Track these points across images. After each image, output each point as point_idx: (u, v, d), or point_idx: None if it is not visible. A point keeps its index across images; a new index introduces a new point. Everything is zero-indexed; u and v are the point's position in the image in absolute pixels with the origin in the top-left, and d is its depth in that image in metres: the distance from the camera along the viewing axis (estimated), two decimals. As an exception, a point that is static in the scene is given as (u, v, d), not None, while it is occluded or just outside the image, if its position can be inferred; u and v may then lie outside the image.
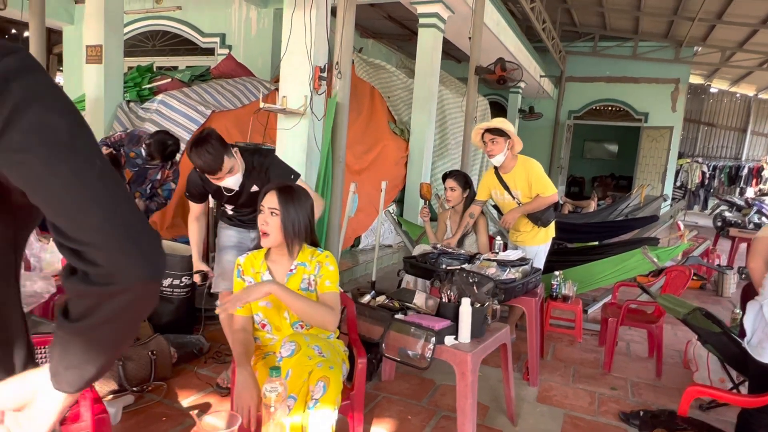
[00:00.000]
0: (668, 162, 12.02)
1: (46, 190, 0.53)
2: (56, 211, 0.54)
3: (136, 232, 0.56)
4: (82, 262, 0.54)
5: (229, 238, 2.56)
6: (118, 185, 0.57)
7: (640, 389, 2.89)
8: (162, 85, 5.00)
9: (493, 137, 3.18)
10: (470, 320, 2.04)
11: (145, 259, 0.55)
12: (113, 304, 0.56)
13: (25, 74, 0.52)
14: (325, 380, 1.55)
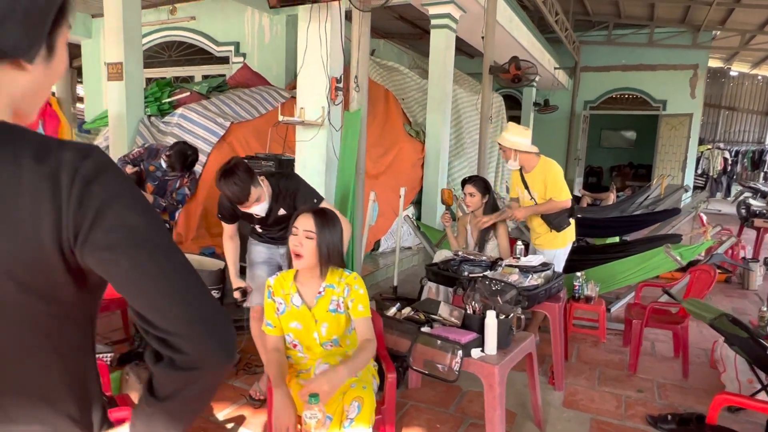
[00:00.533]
0: (688, 150, 11.79)
1: (132, 284, 0.58)
2: (142, 303, 0.59)
3: (215, 319, 0.61)
4: (168, 349, 0.59)
5: (259, 254, 2.65)
6: (194, 274, 0.62)
7: (666, 391, 2.89)
8: (181, 99, 5.10)
9: (502, 148, 3.30)
10: (496, 333, 2.08)
11: (224, 345, 0.61)
12: (198, 385, 0.62)
13: (102, 175, 0.57)
14: (360, 400, 1.61)
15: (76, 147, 0.58)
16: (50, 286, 0.57)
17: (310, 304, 1.86)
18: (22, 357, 0.59)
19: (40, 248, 0.55)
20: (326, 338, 1.87)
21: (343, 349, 1.90)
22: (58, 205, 0.55)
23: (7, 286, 0.55)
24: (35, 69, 0.59)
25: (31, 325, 0.58)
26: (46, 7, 0.58)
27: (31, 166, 0.54)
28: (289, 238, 1.83)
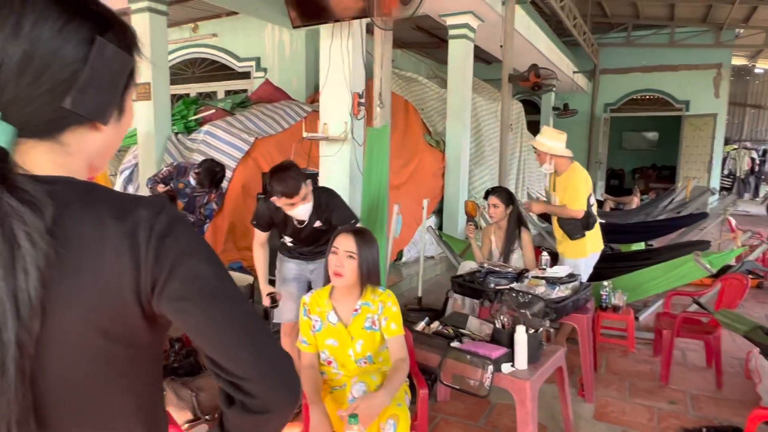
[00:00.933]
0: (713, 151, 11.55)
1: (204, 331, 0.63)
2: (214, 349, 0.64)
3: (282, 365, 0.65)
4: (240, 393, 0.63)
5: (289, 271, 2.73)
6: (260, 321, 0.67)
7: (700, 402, 2.85)
8: (207, 116, 5.23)
9: (537, 152, 3.38)
10: (526, 347, 2.09)
11: (291, 388, 0.65)
12: (268, 427, 0.66)
13: (175, 230, 0.62)
14: (395, 418, 1.64)
15: (151, 203, 0.63)
16: (129, 332, 0.62)
17: (346, 322, 1.91)
18: (103, 396, 0.64)
19: (122, 300, 0.60)
20: (361, 355, 1.91)
21: (376, 365, 1.94)
22: (137, 261, 0.59)
23: (94, 335, 0.60)
24: (108, 128, 0.65)
25: (111, 368, 0.63)
26: (120, 73, 0.64)
27: (113, 224, 0.59)
28: (329, 258, 1.89)
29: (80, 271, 0.58)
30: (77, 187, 0.61)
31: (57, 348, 0.58)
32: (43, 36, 0.56)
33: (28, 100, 0.57)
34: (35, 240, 0.54)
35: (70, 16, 0.58)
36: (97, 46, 0.59)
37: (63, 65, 0.57)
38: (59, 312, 0.57)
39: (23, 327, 0.54)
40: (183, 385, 2.58)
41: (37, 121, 0.58)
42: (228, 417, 0.66)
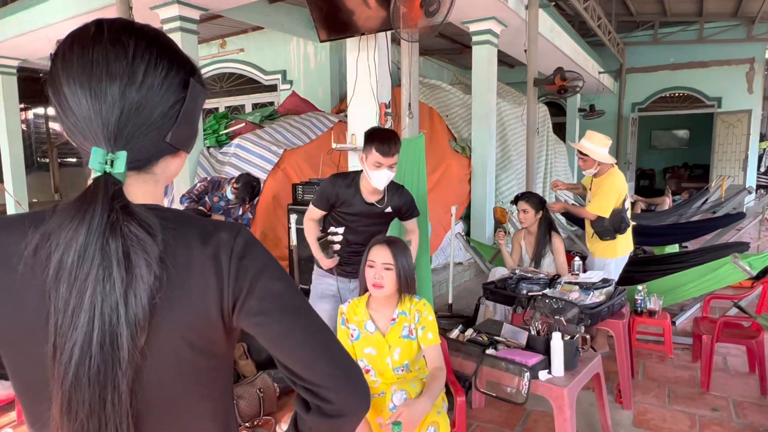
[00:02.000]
0: (749, 148, 11.18)
1: (281, 344, 0.69)
2: (290, 359, 0.69)
3: (353, 372, 0.71)
4: (316, 399, 0.69)
5: (328, 287, 2.54)
6: (330, 332, 0.72)
7: (744, 409, 2.77)
8: (237, 129, 5.38)
9: (583, 156, 3.40)
10: (562, 354, 2.09)
11: (363, 394, 0.71)
12: (342, 429, 0.72)
13: (251, 250, 0.69)
14: (435, 425, 1.67)
15: (229, 227, 0.70)
16: (211, 345, 0.68)
17: (384, 331, 1.95)
18: (187, 404, 0.70)
19: (208, 316, 0.66)
20: (398, 363, 1.94)
21: (413, 374, 1.97)
22: (221, 280, 0.66)
23: (183, 348, 0.66)
24: (185, 154, 0.74)
25: (195, 377, 0.69)
26: (201, 107, 0.73)
27: (199, 248, 0.66)
28: (366, 271, 1.93)
29: (174, 291, 0.64)
30: (170, 213, 0.68)
31: (154, 362, 0.64)
32: (155, 84, 0.64)
33: (140, 138, 0.65)
34: (152, 266, 0.61)
35: (171, 64, 0.66)
36: (190, 88, 0.68)
37: (168, 107, 0.66)
38: (158, 328, 0.63)
39: (135, 346, 0.60)
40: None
41: (142, 156, 0.66)
42: (305, 421, 0.72)
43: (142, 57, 0.63)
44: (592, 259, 3.54)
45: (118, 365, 0.59)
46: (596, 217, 3.39)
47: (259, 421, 2.68)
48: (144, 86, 0.63)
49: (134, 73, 0.63)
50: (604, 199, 3.37)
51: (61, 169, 11.67)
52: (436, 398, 1.76)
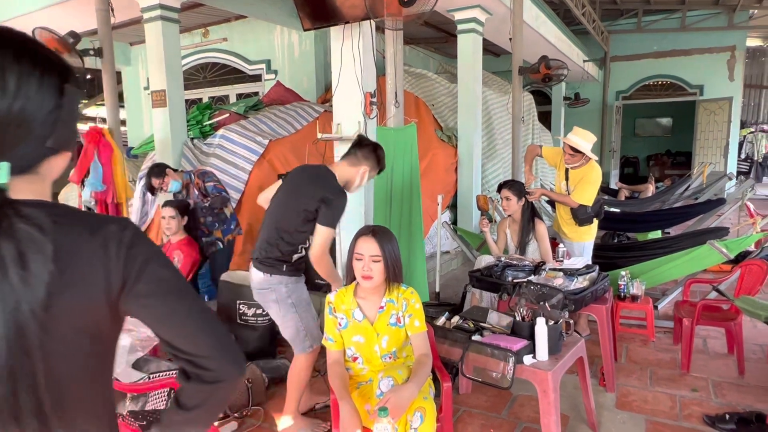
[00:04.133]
0: (730, 135, 11.37)
1: (165, 322, 0.77)
2: (173, 335, 0.78)
3: (230, 344, 0.81)
4: (196, 368, 0.78)
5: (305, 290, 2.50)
6: (209, 311, 0.82)
7: (722, 389, 2.85)
8: (221, 120, 5.31)
9: (572, 152, 3.47)
10: (547, 339, 2.12)
11: (237, 362, 0.81)
12: (218, 395, 0.81)
13: (138, 241, 0.75)
14: (422, 410, 1.69)
15: (117, 221, 0.76)
16: (99, 329, 0.74)
17: (372, 319, 1.97)
18: (80, 387, 0.74)
19: (99, 301, 0.72)
20: (386, 351, 1.96)
21: (401, 360, 1.99)
22: (109, 267, 0.71)
23: (79, 335, 0.71)
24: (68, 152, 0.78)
25: (87, 361, 0.74)
26: (78, 107, 0.78)
27: (89, 240, 0.71)
28: (353, 263, 1.94)
29: (68, 282, 0.69)
30: (60, 210, 0.72)
31: (57, 350, 0.69)
32: (30, 93, 0.66)
33: (21, 147, 0.68)
34: (46, 262, 0.65)
35: (43, 72, 0.68)
36: (66, 93, 0.71)
37: (46, 114, 0.69)
38: (57, 319, 0.68)
39: (40, 339, 0.65)
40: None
41: (24, 162, 0.69)
42: (185, 390, 0.80)
43: (12, 69, 0.65)
44: (570, 244, 3.62)
45: (26, 358, 0.64)
46: (579, 205, 3.48)
47: (248, 412, 2.69)
48: (19, 98, 0.65)
49: (6, 86, 0.64)
50: (589, 189, 3.52)
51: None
52: (422, 384, 1.79)
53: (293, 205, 2.33)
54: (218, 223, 3.82)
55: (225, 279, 3.42)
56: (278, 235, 2.34)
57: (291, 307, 2.37)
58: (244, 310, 3.27)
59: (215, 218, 3.80)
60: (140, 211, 5.23)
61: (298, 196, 2.35)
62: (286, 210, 2.37)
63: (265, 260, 2.36)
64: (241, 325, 3.31)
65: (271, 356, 3.30)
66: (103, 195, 4.17)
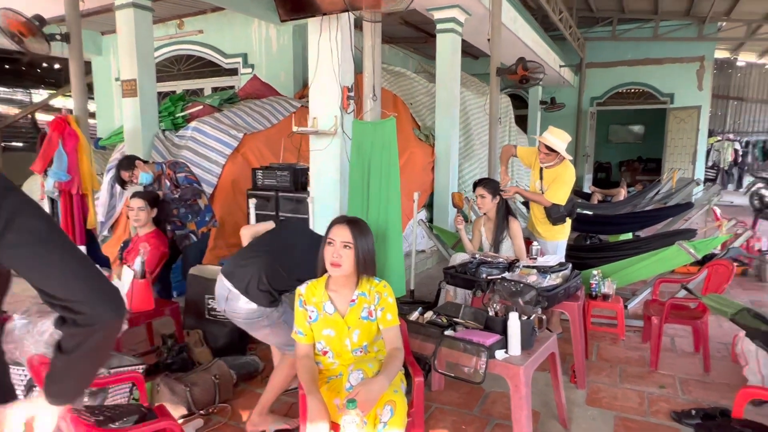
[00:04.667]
0: (698, 142, 11.72)
1: (38, 269, 0.80)
2: (46, 283, 0.81)
3: (104, 288, 0.85)
4: (71, 313, 0.81)
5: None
6: (86, 258, 0.86)
7: (689, 386, 2.90)
8: (194, 112, 5.19)
9: (547, 151, 3.47)
10: (519, 334, 2.11)
11: (113, 305, 0.84)
12: (95, 338, 0.84)
13: (8, 194, 0.79)
14: (392, 404, 1.65)
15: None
16: None
17: (343, 312, 1.92)
18: None
19: None
20: (357, 345, 1.92)
21: (371, 354, 1.95)
22: None
23: None
24: None
25: None
26: None
27: None
28: (325, 249, 1.89)
29: None
30: None
31: None
32: None
33: None
34: None
35: None
36: None
37: None
38: None
39: None
40: (177, 381, 2.57)
41: None
42: (63, 335, 0.84)
43: None
44: (544, 243, 3.64)
45: None
46: (552, 204, 3.50)
47: (214, 409, 2.60)
48: None
49: None
50: (563, 188, 3.54)
51: (5, 153, 11.02)
52: (393, 378, 1.75)
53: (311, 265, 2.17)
54: (192, 215, 3.71)
55: (194, 273, 3.32)
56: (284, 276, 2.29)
57: (283, 324, 2.30)
58: (212, 305, 3.18)
59: (188, 210, 3.68)
60: (107, 204, 5.06)
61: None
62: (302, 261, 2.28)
63: (262, 295, 2.25)
64: (210, 321, 3.22)
65: (241, 353, 3.22)
66: (68, 185, 4.00)
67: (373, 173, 3.18)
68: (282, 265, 2.31)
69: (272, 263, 2.30)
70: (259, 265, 2.29)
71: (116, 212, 5.05)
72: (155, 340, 3.39)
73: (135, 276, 2.84)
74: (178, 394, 2.50)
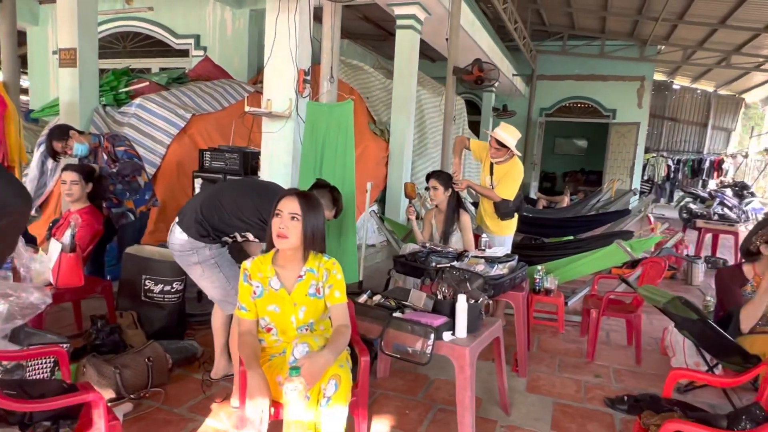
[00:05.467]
0: (636, 157, 12.45)
1: None
2: None
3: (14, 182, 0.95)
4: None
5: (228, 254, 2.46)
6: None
7: (622, 376, 3.03)
8: (139, 89, 4.92)
9: (497, 146, 3.53)
10: (466, 316, 2.12)
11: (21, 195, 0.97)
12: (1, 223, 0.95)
13: None
14: (337, 378, 1.60)
15: None
16: None
17: (290, 288, 1.85)
18: None
19: None
20: (303, 322, 1.86)
21: (317, 332, 1.89)
22: None
23: None
24: None
25: None
26: None
27: None
28: (272, 221, 1.81)
29: None
30: None
31: None
32: None
33: None
34: None
35: None
36: None
37: None
38: None
39: None
40: (106, 362, 2.39)
41: None
42: None
43: None
44: (492, 237, 3.71)
45: None
46: (502, 200, 3.57)
47: (146, 393, 2.45)
48: None
49: None
50: (512, 184, 3.63)
51: None
52: (339, 353, 1.70)
53: (253, 203, 2.26)
54: (129, 192, 3.49)
55: (131, 252, 3.13)
56: (219, 211, 2.28)
57: (215, 267, 2.28)
58: (150, 286, 3.00)
59: (126, 186, 3.47)
60: (37, 181, 4.70)
61: (263, 200, 2.24)
62: (245, 199, 2.29)
63: (194, 225, 2.26)
64: (146, 303, 3.03)
65: (178, 338, 3.06)
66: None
67: (326, 156, 3.12)
68: (224, 201, 2.31)
69: (213, 197, 2.34)
70: (202, 198, 2.35)
71: (47, 190, 4.69)
72: (84, 325, 3.16)
73: (63, 249, 2.63)
74: (107, 376, 2.34)
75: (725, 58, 11.52)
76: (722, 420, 1.60)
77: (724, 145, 15.85)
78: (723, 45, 10.81)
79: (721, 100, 15.61)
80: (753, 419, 1.55)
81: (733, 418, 1.58)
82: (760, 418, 1.55)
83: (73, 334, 3.08)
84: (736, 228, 6.68)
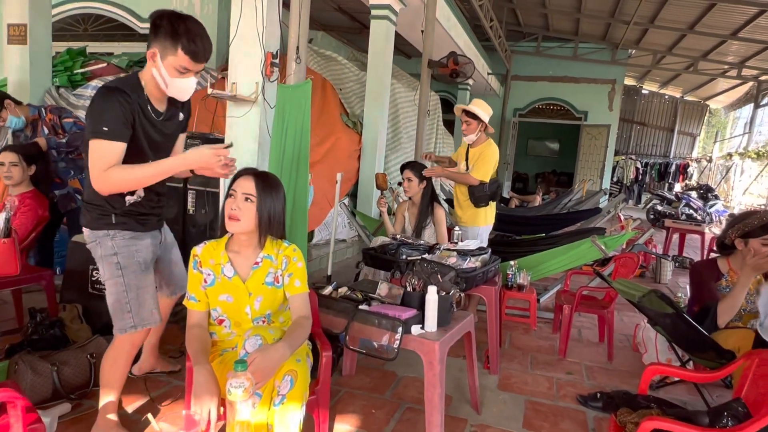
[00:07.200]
0: (606, 158, 12.65)
1: None
2: None
3: None
4: None
5: (147, 250, 1.90)
6: None
7: (594, 373, 2.97)
8: (96, 70, 4.64)
9: (468, 119, 3.42)
10: (437, 309, 2.00)
11: None
12: None
13: None
14: (293, 374, 1.45)
15: None
16: None
17: (244, 276, 1.69)
18: None
19: None
20: (259, 313, 1.69)
21: (275, 325, 1.74)
22: None
23: None
24: None
25: None
26: None
27: None
28: (226, 202, 1.64)
29: None
30: None
31: None
32: None
33: None
34: None
35: None
36: None
37: None
38: None
39: None
40: (42, 359, 2.17)
41: None
42: None
43: None
44: (465, 229, 3.60)
45: None
46: (479, 182, 3.45)
47: (88, 393, 2.24)
48: None
49: None
50: (486, 165, 3.49)
51: None
52: (296, 347, 1.54)
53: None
54: (74, 171, 3.23)
55: (77, 240, 2.89)
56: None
57: (115, 268, 1.80)
58: (98, 276, 2.76)
59: (71, 164, 3.20)
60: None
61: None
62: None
63: (87, 208, 1.81)
64: (94, 296, 2.81)
65: (129, 333, 2.83)
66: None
67: (288, 141, 2.95)
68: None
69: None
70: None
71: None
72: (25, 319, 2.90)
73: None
74: (42, 374, 2.12)
75: (693, 64, 11.81)
76: (703, 417, 1.52)
77: (689, 150, 16.31)
78: (691, 51, 11.08)
79: (687, 106, 16.06)
80: (734, 415, 1.47)
81: (715, 415, 1.50)
82: (742, 414, 1.47)
83: (10, 329, 2.82)
84: (702, 228, 6.80)
